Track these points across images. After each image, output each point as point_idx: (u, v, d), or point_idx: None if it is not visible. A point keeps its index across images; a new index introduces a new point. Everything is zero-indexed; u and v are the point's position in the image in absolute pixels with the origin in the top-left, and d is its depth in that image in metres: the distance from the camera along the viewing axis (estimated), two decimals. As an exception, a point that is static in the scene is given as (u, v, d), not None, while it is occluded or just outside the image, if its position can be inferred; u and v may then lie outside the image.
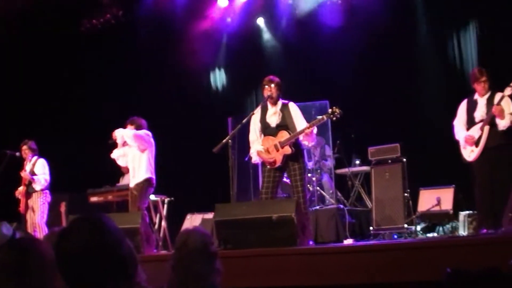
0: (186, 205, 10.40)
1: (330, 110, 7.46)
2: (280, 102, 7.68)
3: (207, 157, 8.32)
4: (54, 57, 12.42)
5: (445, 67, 10.87)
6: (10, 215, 10.29)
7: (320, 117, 7.53)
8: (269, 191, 7.53)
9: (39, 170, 9.93)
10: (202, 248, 3.71)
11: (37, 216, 9.74)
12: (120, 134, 8.66)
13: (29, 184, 9.89)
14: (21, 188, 9.92)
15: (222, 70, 12.85)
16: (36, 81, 12.43)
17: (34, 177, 9.82)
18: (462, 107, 7.91)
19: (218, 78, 12.74)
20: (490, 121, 7.47)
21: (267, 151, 7.58)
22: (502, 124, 7.42)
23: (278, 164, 7.52)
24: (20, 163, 10.13)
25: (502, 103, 7.41)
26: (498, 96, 7.57)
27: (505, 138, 7.46)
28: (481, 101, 7.71)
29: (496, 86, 7.71)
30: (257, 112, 7.76)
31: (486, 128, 7.49)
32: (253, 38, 12.75)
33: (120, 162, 9.06)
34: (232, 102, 11.88)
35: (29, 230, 9.59)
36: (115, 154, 8.92)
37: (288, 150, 7.46)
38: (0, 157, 10.02)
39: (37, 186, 9.86)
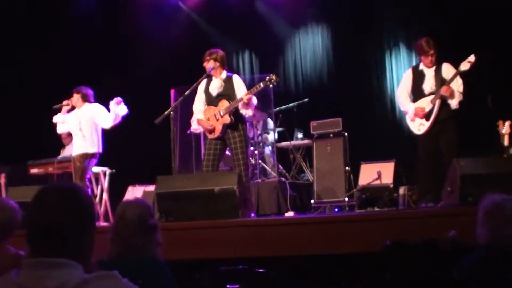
0: (128, 177, 10.29)
1: (267, 78, 7.45)
2: (224, 74, 7.66)
3: (149, 128, 8.23)
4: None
5: (389, 38, 10.94)
6: None
7: (257, 84, 7.50)
8: (210, 163, 7.51)
9: None
10: (138, 221, 3.67)
11: None
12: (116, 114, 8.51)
13: None
14: None
15: (167, 41, 12.68)
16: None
17: None
18: (408, 77, 7.78)
19: (162, 48, 12.55)
20: (442, 96, 7.37)
21: (208, 120, 7.57)
22: (454, 103, 7.34)
23: (217, 133, 7.51)
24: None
25: (453, 83, 7.32)
26: (445, 67, 7.50)
27: (455, 111, 7.42)
28: (429, 73, 7.56)
29: (441, 56, 7.61)
30: (203, 83, 7.72)
31: (438, 101, 7.37)
32: (199, 8, 12.64)
33: (58, 128, 8.89)
34: (175, 73, 11.74)
35: None
36: (56, 119, 8.78)
37: (227, 119, 7.44)
38: None
39: None
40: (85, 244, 2.22)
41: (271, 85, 7.49)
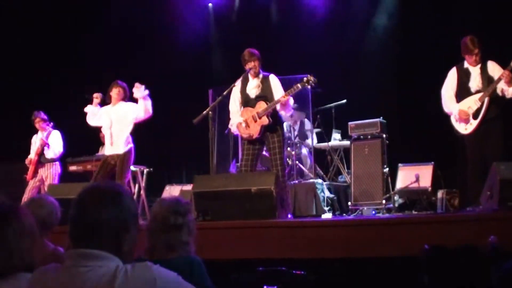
0: (165, 176, 10.36)
1: (305, 79, 7.44)
2: (261, 75, 7.67)
3: (188, 128, 8.25)
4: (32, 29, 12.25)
5: (430, 40, 10.81)
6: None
7: (295, 85, 7.48)
8: (248, 163, 7.53)
9: (53, 141, 9.83)
10: (161, 220, 3.70)
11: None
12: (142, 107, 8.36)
13: (42, 154, 9.75)
14: (32, 156, 9.78)
15: (204, 41, 12.73)
16: (18, 50, 12.25)
17: (50, 145, 9.73)
18: (453, 76, 7.60)
19: (200, 49, 12.60)
20: (492, 91, 7.21)
21: (246, 122, 7.57)
22: (510, 91, 7.15)
23: (256, 135, 7.51)
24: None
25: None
26: (491, 65, 7.35)
27: (501, 109, 7.27)
28: (474, 71, 7.40)
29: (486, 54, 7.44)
30: (238, 83, 7.73)
31: (487, 99, 7.22)
32: (235, 9, 12.64)
33: (90, 120, 8.68)
34: (213, 73, 11.79)
35: (27, 196, 9.38)
36: (89, 109, 8.60)
37: (265, 120, 7.45)
38: None
39: (49, 154, 9.72)
40: (126, 242, 2.29)
41: (309, 86, 7.47)
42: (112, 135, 8.46)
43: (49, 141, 9.79)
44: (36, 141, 9.91)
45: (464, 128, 7.41)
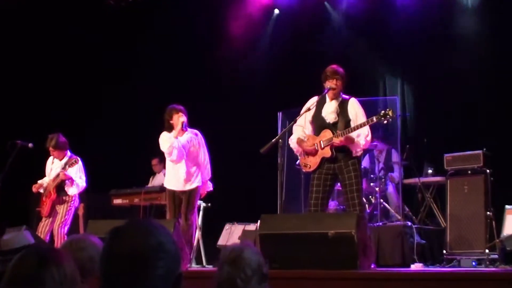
0: (225, 213, 10.36)
1: (382, 112, 7.33)
2: (340, 98, 7.59)
3: (253, 157, 8.26)
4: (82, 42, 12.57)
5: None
6: (18, 212, 10.40)
7: (370, 119, 7.41)
8: (318, 202, 7.45)
9: (73, 172, 9.45)
10: (255, 269, 3.66)
11: (59, 221, 9.34)
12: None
13: (62, 189, 9.41)
14: (46, 182, 9.52)
15: (272, 57, 12.79)
16: (55, 67, 12.58)
17: (74, 180, 9.37)
18: None
19: (268, 66, 12.66)
20: None
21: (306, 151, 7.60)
22: None
23: (313, 168, 7.52)
24: (31, 155, 9.99)
25: None
26: None
27: None
28: None
29: None
30: (313, 100, 7.69)
31: None
32: (313, 22, 12.71)
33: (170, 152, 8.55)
34: (284, 94, 11.80)
35: (42, 232, 9.33)
36: (165, 137, 8.59)
37: (327, 153, 7.42)
38: (10, 148, 9.71)
39: (72, 190, 9.41)
40: (178, 278, 2.25)
41: (385, 121, 7.39)
42: (186, 170, 8.55)
43: (72, 173, 9.40)
44: (53, 168, 9.61)
45: None
